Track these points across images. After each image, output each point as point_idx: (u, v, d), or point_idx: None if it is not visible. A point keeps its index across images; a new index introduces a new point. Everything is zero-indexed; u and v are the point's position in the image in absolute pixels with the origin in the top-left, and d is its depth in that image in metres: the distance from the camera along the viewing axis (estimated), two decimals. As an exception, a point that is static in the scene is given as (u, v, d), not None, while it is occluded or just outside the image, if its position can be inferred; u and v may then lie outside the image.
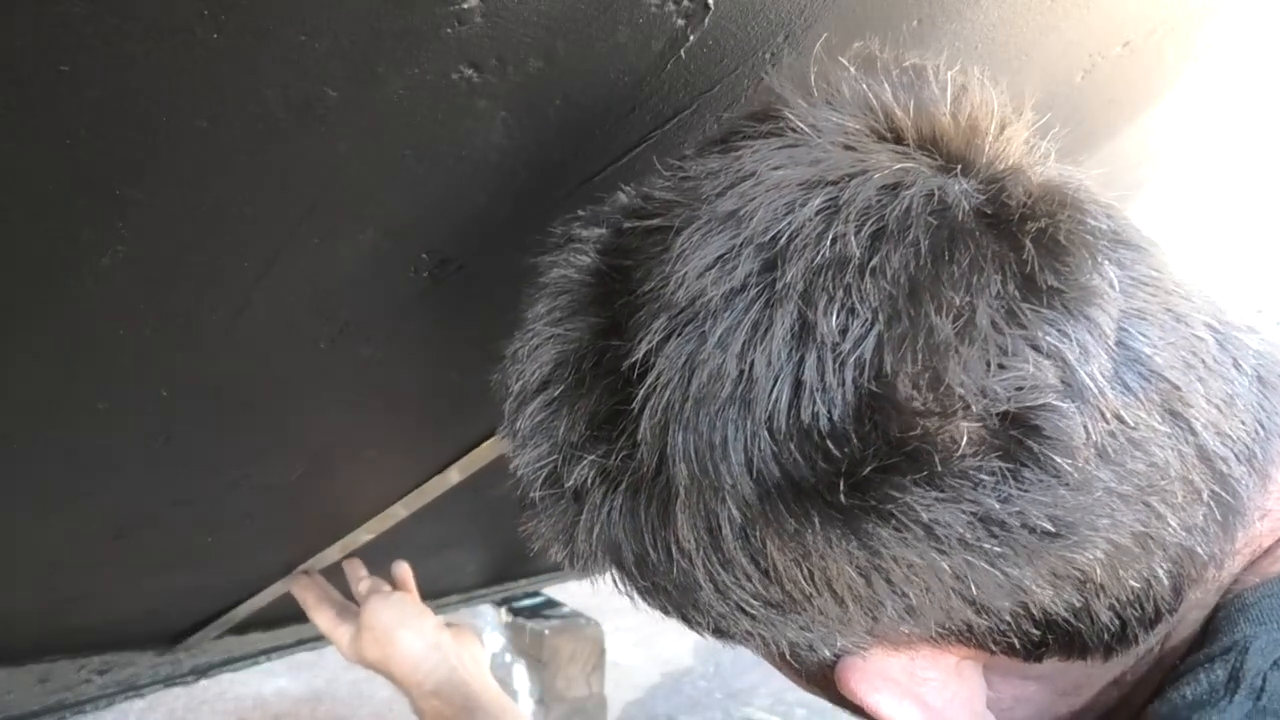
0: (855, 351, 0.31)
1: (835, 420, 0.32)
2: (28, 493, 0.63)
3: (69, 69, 0.31)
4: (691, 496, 0.35)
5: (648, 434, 0.35)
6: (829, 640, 0.37)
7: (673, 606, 0.39)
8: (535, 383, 0.40)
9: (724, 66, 0.48)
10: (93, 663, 1.10)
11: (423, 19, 0.36)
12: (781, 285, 0.33)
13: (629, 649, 3.53)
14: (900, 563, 0.33)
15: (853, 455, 0.32)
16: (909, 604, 0.34)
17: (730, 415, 0.33)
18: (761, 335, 0.33)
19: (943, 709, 0.38)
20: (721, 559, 0.35)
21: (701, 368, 0.34)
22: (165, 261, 0.44)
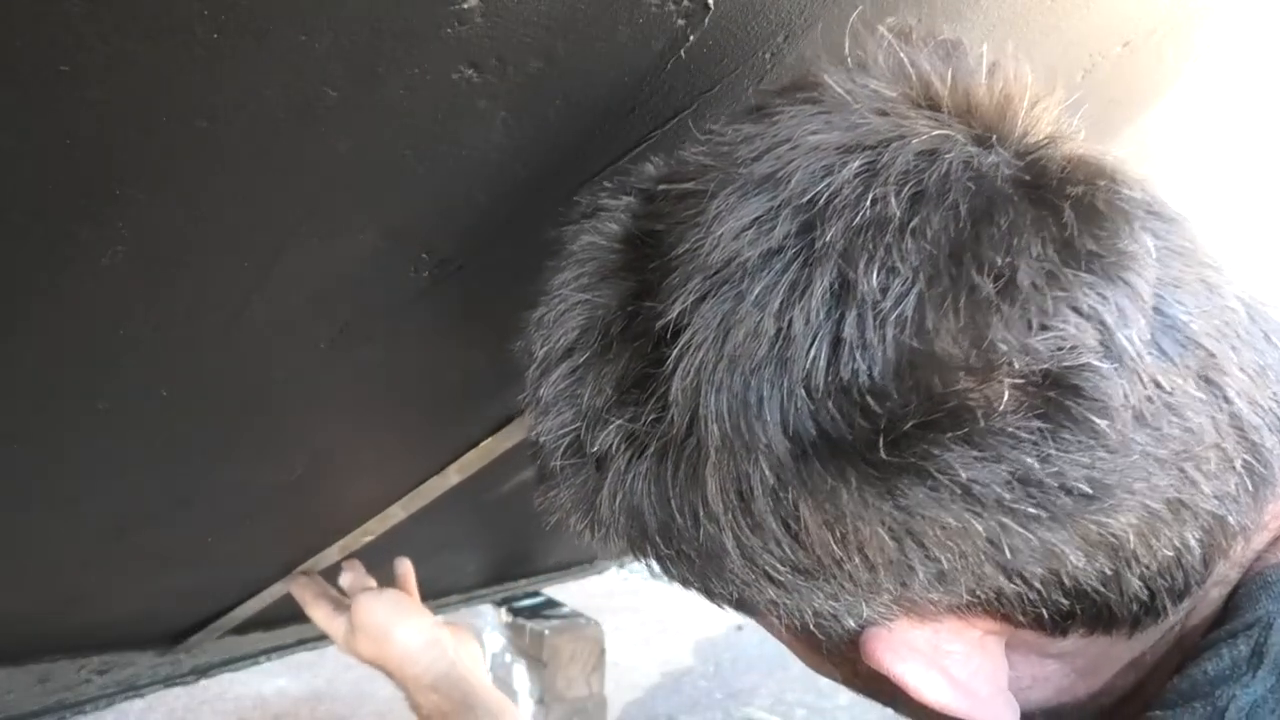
0: (896, 309, 0.31)
1: (875, 377, 0.32)
2: (28, 493, 0.63)
3: (69, 69, 0.31)
4: (722, 458, 0.34)
5: (679, 395, 0.35)
6: (855, 610, 0.37)
7: (695, 575, 0.39)
8: (560, 349, 0.39)
9: (724, 66, 0.48)
10: (93, 663, 1.09)
11: (423, 19, 0.36)
12: (821, 245, 0.33)
13: (629, 649, 3.53)
14: (934, 525, 0.33)
15: (892, 412, 0.31)
16: (940, 569, 0.34)
17: (766, 374, 0.33)
18: (800, 294, 0.33)
19: (967, 681, 0.38)
20: (751, 523, 0.35)
21: (737, 327, 0.34)
22: (165, 261, 0.44)
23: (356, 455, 0.82)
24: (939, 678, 0.38)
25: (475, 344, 0.70)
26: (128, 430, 0.60)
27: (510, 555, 1.65)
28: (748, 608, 0.40)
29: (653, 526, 0.38)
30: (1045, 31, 0.64)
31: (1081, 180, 0.33)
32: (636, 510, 0.38)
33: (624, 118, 0.49)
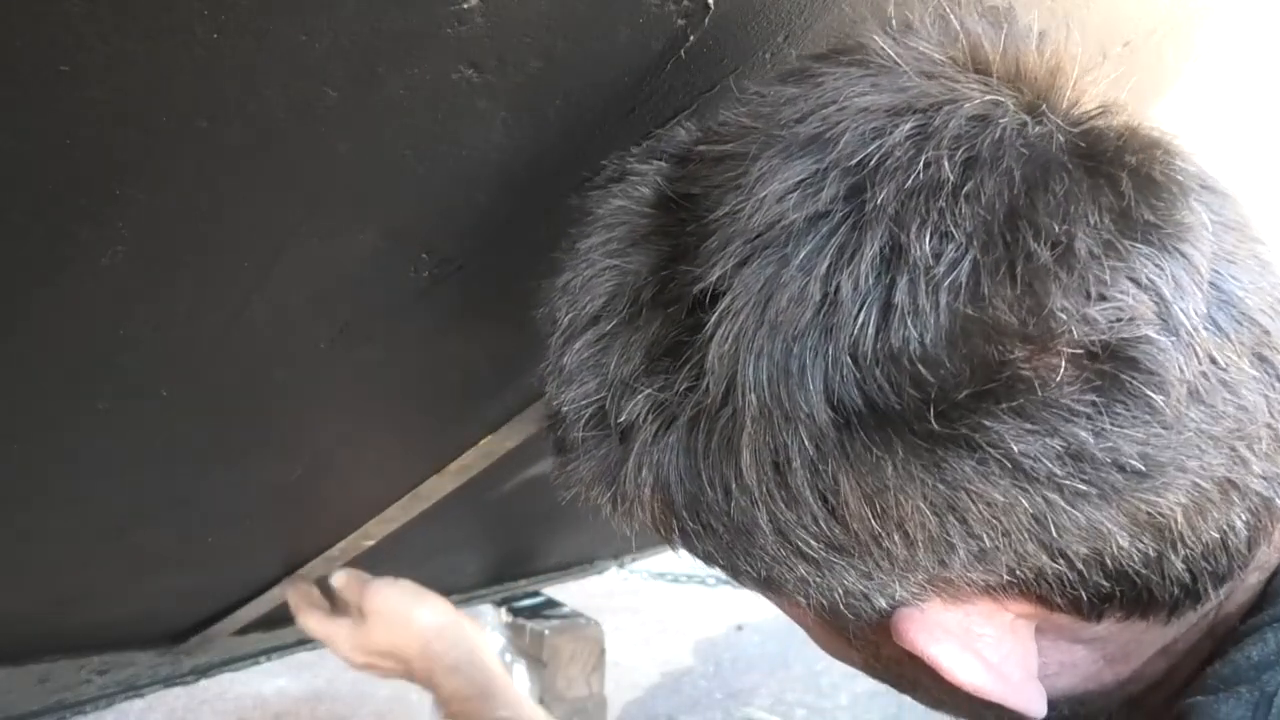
0: (950, 275, 0.30)
1: (927, 345, 0.31)
2: (28, 493, 0.63)
3: (69, 69, 0.31)
4: (759, 428, 0.33)
5: (715, 363, 0.34)
6: (887, 589, 0.36)
7: (722, 551, 0.38)
8: (587, 316, 0.38)
9: (724, 66, 0.48)
10: (93, 663, 1.09)
11: (423, 19, 0.36)
12: (871, 208, 0.32)
13: (629, 649, 3.53)
14: (980, 500, 0.32)
15: (944, 381, 0.31)
16: (982, 547, 0.33)
17: (810, 341, 0.32)
18: (849, 258, 0.32)
19: (999, 665, 0.37)
20: (786, 496, 0.34)
21: (780, 292, 0.33)
22: (165, 262, 0.44)
23: (356, 455, 0.82)
24: (973, 659, 0.37)
25: (475, 344, 0.70)
26: (128, 430, 0.60)
27: (510, 555, 1.64)
28: (774, 586, 0.38)
29: (680, 500, 0.37)
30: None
31: (1137, 150, 0.33)
32: (663, 483, 0.37)
33: (624, 118, 0.48)
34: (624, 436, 0.38)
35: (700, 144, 0.38)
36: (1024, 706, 0.37)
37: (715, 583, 3.35)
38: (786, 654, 3.69)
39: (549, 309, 0.41)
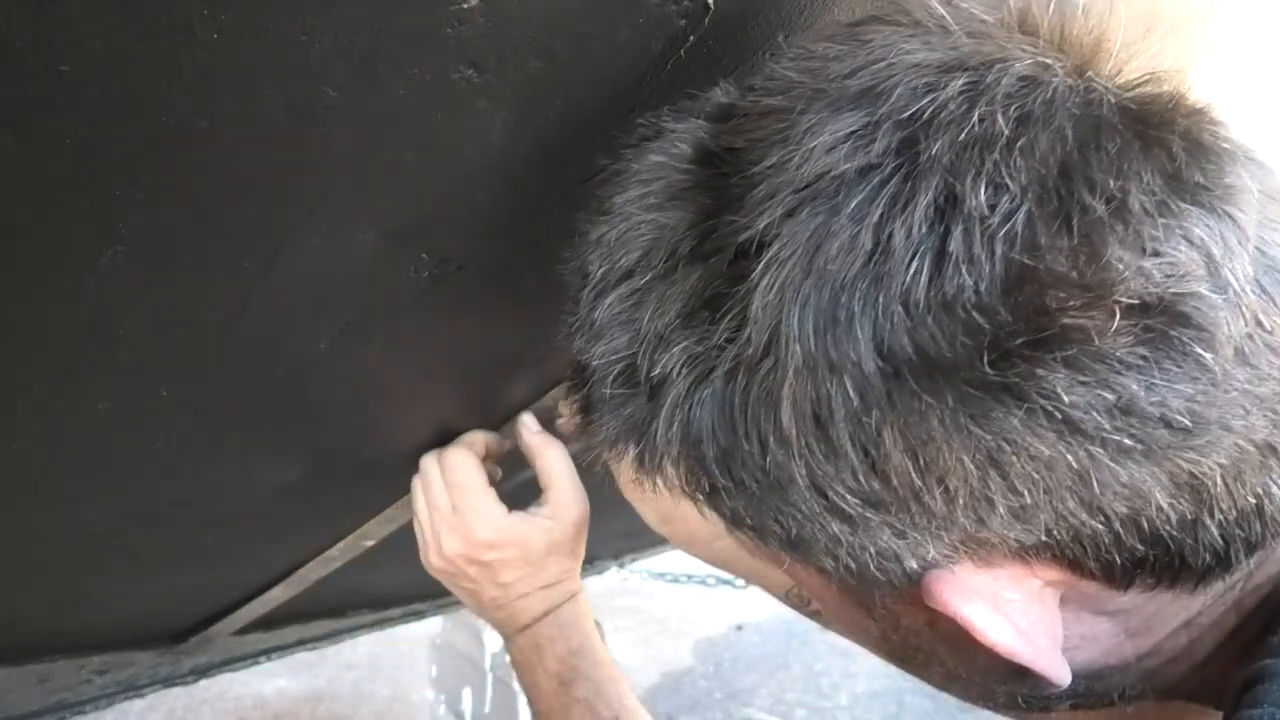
0: (1006, 225, 0.31)
1: (982, 293, 0.31)
2: (28, 493, 0.63)
3: (69, 69, 0.31)
4: (802, 379, 0.33)
5: (759, 312, 0.34)
6: (920, 549, 0.35)
7: (752, 509, 0.37)
8: (620, 270, 0.38)
9: (724, 66, 0.48)
10: (93, 663, 1.09)
11: (423, 19, 0.36)
12: (925, 159, 0.32)
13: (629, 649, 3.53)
14: (1024, 454, 0.32)
15: (998, 329, 0.31)
16: (1022, 504, 0.33)
17: (859, 290, 0.32)
18: (901, 207, 0.32)
19: (1028, 630, 0.37)
20: (826, 449, 0.34)
21: (830, 241, 0.32)
22: (165, 262, 0.44)
23: (356, 455, 0.82)
24: (1004, 622, 0.37)
25: (475, 344, 0.70)
26: (128, 430, 0.60)
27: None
28: (802, 547, 0.37)
29: (712, 455, 0.36)
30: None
31: (1186, 114, 0.33)
32: (695, 438, 0.36)
33: (624, 118, 0.48)
34: (654, 392, 0.37)
35: (742, 100, 0.38)
36: (1051, 672, 0.37)
37: (715, 583, 3.35)
38: (786, 654, 3.69)
39: (579, 263, 0.41)
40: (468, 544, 0.74)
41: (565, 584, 0.78)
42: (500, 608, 0.77)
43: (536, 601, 0.77)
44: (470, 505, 0.74)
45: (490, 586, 0.76)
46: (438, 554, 0.75)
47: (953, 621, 0.38)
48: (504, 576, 0.75)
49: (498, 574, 0.75)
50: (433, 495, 0.76)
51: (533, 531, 0.75)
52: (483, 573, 0.75)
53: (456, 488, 0.75)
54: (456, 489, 0.75)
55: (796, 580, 0.44)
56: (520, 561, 0.75)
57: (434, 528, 0.75)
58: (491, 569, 0.75)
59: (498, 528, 0.74)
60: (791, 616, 3.13)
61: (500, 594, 0.76)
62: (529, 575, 0.76)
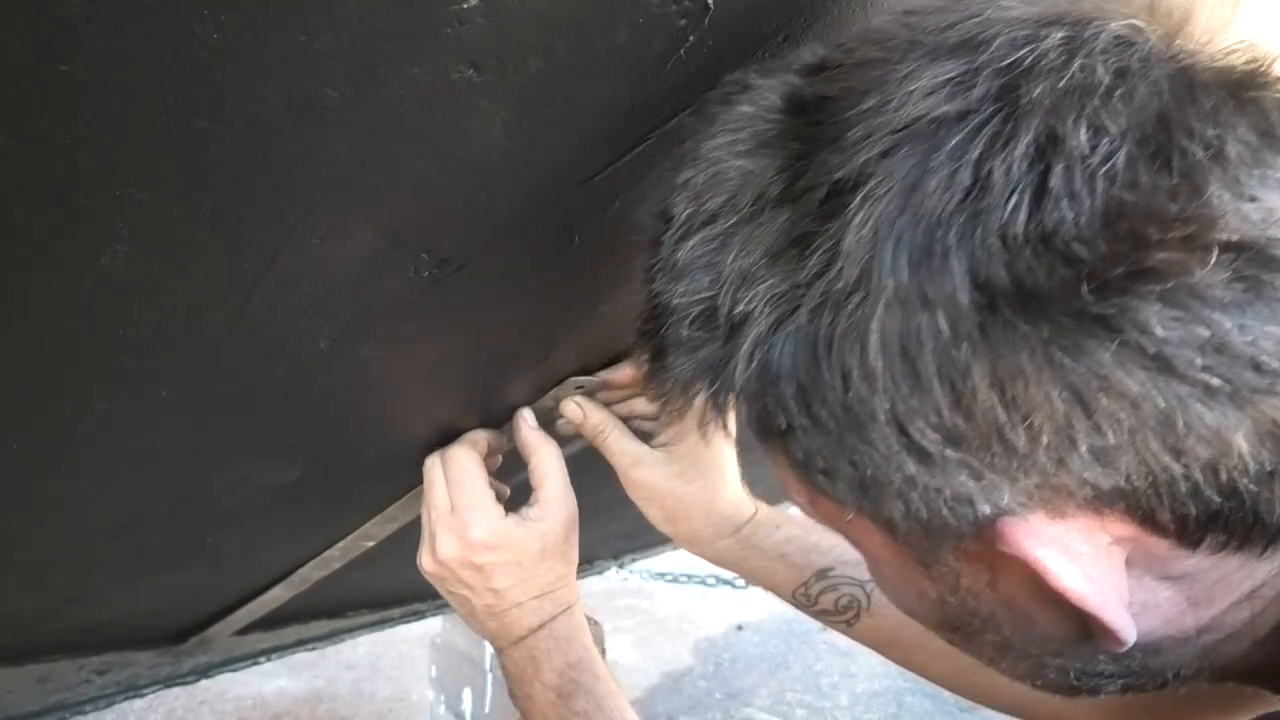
0: (1107, 164, 0.31)
1: (1082, 226, 0.31)
2: (28, 492, 0.63)
3: (69, 69, 0.31)
4: (893, 312, 0.33)
5: (853, 247, 0.34)
6: (994, 494, 0.35)
7: (827, 448, 0.37)
8: (706, 214, 0.39)
9: (724, 66, 0.48)
10: (93, 663, 1.09)
11: (423, 19, 0.36)
12: (1026, 101, 0.33)
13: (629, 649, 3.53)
14: (1113, 391, 0.32)
15: (1097, 260, 0.31)
16: (1105, 444, 0.33)
17: (957, 224, 0.33)
18: (1001, 146, 0.32)
19: (1099, 583, 0.37)
20: (912, 383, 0.34)
21: (928, 178, 0.33)
22: (165, 261, 0.44)
23: (355, 455, 0.82)
24: (1076, 569, 0.37)
25: (476, 344, 0.70)
26: (128, 430, 0.60)
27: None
28: (873, 492, 0.37)
29: (790, 393, 0.36)
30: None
31: (1275, 81, 0.34)
32: (774, 376, 0.37)
33: (624, 118, 0.49)
34: (734, 331, 0.38)
35: (835, 54, 0.39)
36: (1118, 625, 0.37)
37: (715, 583, 3.35)
38: (786, 654, 3.69)
39: (663, 206, 0.41)
40: (463, 544, 0.73)
41: (559, 594, 0.77)
42: (494, 616, 0.76)
43: (530, 612, 0.76)
44: (467, 502, 0.74)
45: (484, 594, 0.75)
46: (431, 557, 0.75)
47: (1014, 580, 0.38)
48: (497, 582, 0.74)
49: (491, 579, 0.74)
50: (434, 495, 0.75)
51: (526, 535, 0.74)
52: (476, 577, 0.74)
53: (456, 484, 0.75)
54: (456, 485, 0.75)
55: (855, 539, 0.44)
56: (514, 566, 0.74)
57: (431, 528, 0.75)
58: (485, 573, 0.74)
59: (493, 528, 0.73)
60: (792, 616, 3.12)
61: (494, 601, 0.75)
62: (522, 582, 0.75)
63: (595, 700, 0.73)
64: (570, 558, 0.78)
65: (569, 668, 0.75)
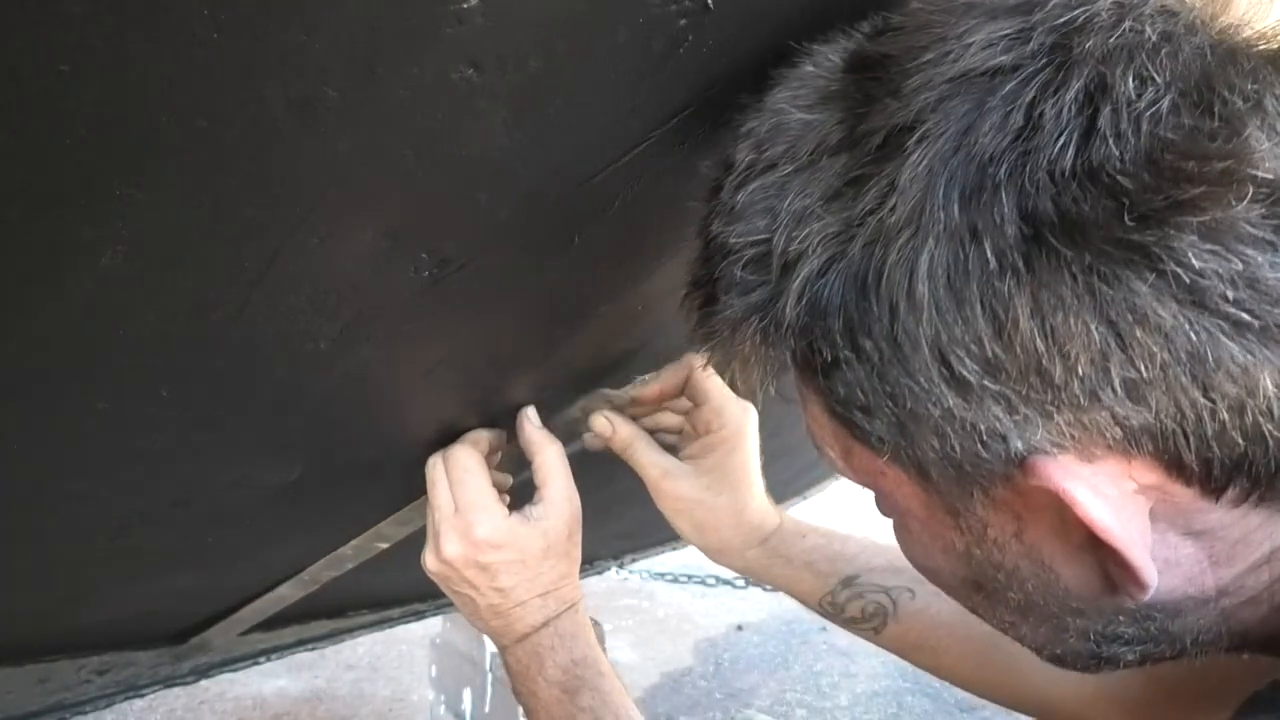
0: (1152, 108, 0.34)
1: (1127, 161, 0.33)
2: (28, 493, 0.63)
3: (69, 69, 0.31)
4: (942, 245, 0.36)
5: (907, 184, 0.36)
6: (1028, 430, 0.37)
7: (868, 382, 0.39)
8: (766, 160, 0.41)
9: (724, 66, 0.48)
10: (92, 663, 1.09)
11: (423, 19, 0.36)
12: (1078, 53, 0.35)
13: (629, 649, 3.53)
14: (1148, 323, 0.34)
15: (1139, 192, 0.33)
16: (1138, 378, 0.35)
17: (1008, 161, 0.35)
18: (1054, 91, 0.35)
19: (1125, 524, 0.38)
20: (956, 313, 0.36)
21: (983, 119, 0.36)
22: (165, 261, 0.44)
23: (356, 456, 0.82)
24: (1105, 508, 0.38)
25: (476, 344, 0.70)
26: (128, 430, 0.60)
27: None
28: (909, 429, 0.39)
29: (837, 325, 0.39)
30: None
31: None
32: (823, 310, 0.39)
33: (624, 118, 0.49)
34: (787, 269, 0.40)
35: (896, 17, 0.42)
36: (1141, 564, 0.38)
37: (715, 583, 3.35)
38: (786, 654, 3.69)
39: (725, 155, 0.44)
40: (467, 543, 0.73)
41: (563, 592, 0.77)
42: (498, 615, 0.76)
43: (534, 610, 0.76)
44: (471, 501, 0.74)
45: (489, 593, 0.75)
46: (436, 556, 0.75)
47: (1041, 527, 0.40)
48: (502, 581, 0.74)
49: (495, 578, 0.74)
50: (437, 495, 0.76)
51: (530, 533, 0.75)
52: (481, 576, 0.74)
53: (459, 484, 0.75)
54: (459, 485, 0.75)
55: (886, 492, 0.45)
56: (518, 565, 0.74)
57: (435, 528, 0.75)
58: (490, 572, 0.74)
59: (497, 527, 0.73)
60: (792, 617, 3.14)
61: (499, 600, 0.75)
62: (527, 581, 0.75)
63: (600, 696, 0.74)
64: (574, 556, 0.78)
65: (573, 664, 0.75)
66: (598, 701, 0.73)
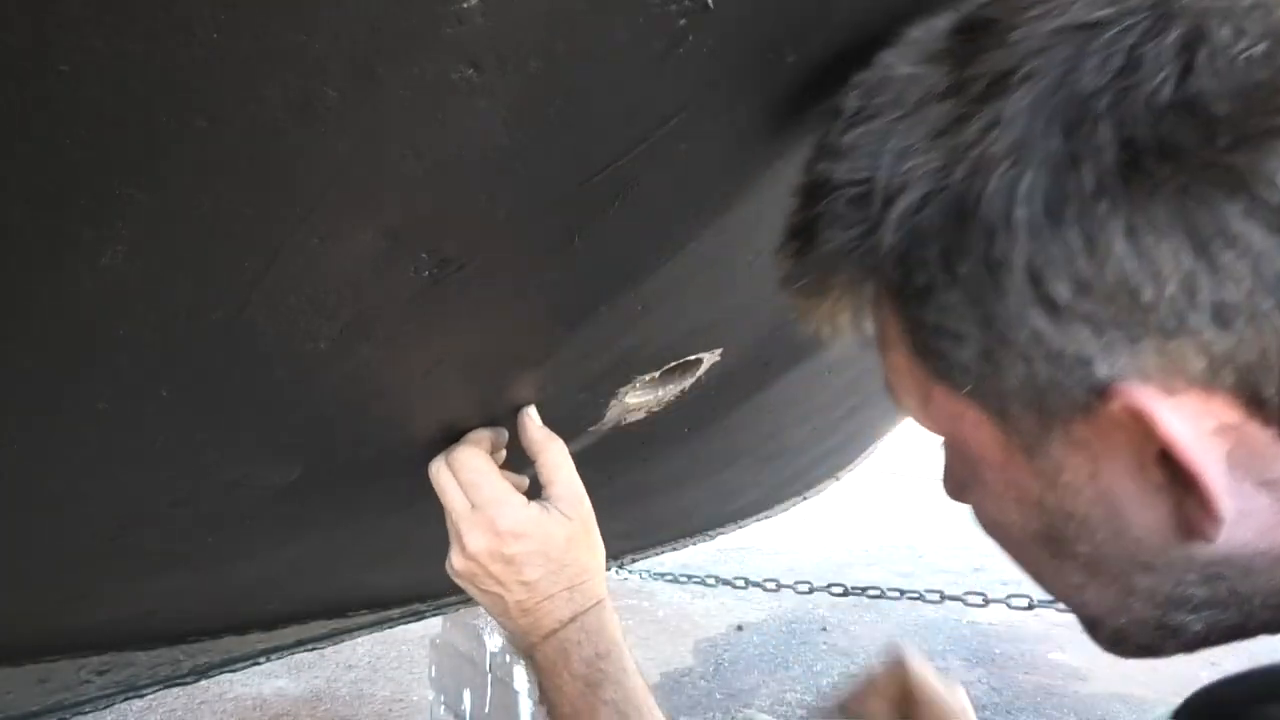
0: (1246, 52, 0.36)
1: (1222, 93, 0.35)
2: (28, 492, 0.63)
3: (69, 69, 0.31)
4: (1041, 172, 0.38)
5: (1010, 119, 0.39)
6: (1113, 355, 0.38)
7: (961, 305, 0.41)
8: (872, 108, 0.43)
9: (724, 66, 0.48)
10: (92, 663, 1.09)
11: (423, 19, 0.36)
12: (1177, 7, 0.38)
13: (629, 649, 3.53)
14: (1238, 244, 0.35)
15: (1234, 118, 0.35)
16: (1224, 301, 0.36)
17: (1108, 95, 0.37)
18: (1153, 37, 0.37)
19: (1203, 455, 0.39)
20: (1052, 234, 0.37)
21: (1084, 61, 0.38)
22: (165, 261, 0.44)
23: (357, 455, 0.82)
24: (1189, 430, 0.38)
25: (476, 344, 0.70)
26: (128, 430, 0.60)
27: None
28: (998, 354, 0.41)
29: (934, 252, 0.41)
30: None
31: None
32: (922, 237, 0.41)
33: (624, 118, 0.49)
34: (889, 201, 0.42)
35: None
36: (1218, 496, 0.39)
37: (715, 583, 3.35)
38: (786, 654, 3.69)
39: (835, 101, 0.46)
40: (493, 536, 0.72)
41: (588, 586, 0.76)
42: (526, 612, 0.75)
43: (561, 604, 0.75)
44: (489, 498, 0.73)
45: (516, 588, 0.74)
46: (462, 554, 0.74)
47: (1116, 467, 0.41)
48: (528, 574, 0.73)
49: (522, 571, 0.73)
50: (450, 499, 0.75)
51: (552, 522, 0.74)
52: (508, 571, 0.73)
53: (472, 485, 0.74)
54: (472, 486, 0.74)
55: (963, 439, 0.46)
56: (543, 556, 0.74)
57: (456, 529, 0.74)
58: (515, 565, 0.73)
59: (518, 517, 0.73)
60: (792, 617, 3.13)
61: (526, 596, 0.74)
62: (553, 573, 0.74)
63: (623, 691, 0.73)
64: (596, 551, 0.78)
65: (597, 658, 0.74)
66: (620, 695, 0.73)
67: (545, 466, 0.77)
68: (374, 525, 0.97)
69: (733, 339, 0.91)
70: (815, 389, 1.34)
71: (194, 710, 2.88)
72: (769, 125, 0.55)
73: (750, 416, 1.26)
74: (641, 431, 1.01)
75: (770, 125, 0.55)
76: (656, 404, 0.97)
